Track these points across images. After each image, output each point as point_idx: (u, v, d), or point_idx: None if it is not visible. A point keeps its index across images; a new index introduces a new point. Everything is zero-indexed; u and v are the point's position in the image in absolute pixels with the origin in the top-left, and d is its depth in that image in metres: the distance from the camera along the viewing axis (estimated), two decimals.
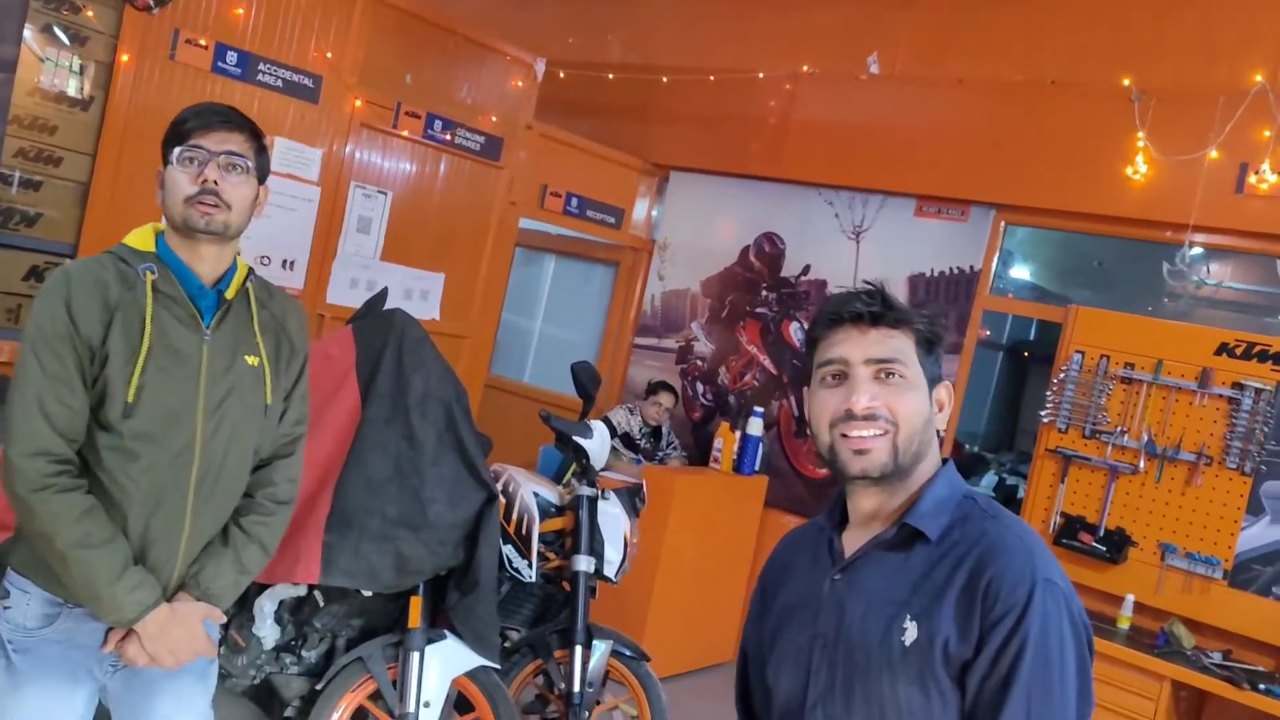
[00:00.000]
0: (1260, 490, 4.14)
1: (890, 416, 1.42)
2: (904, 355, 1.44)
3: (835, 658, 1.44)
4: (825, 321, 1.49)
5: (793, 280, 5.88)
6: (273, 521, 2.16)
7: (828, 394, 1.46)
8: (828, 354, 1.47)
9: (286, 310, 2.18)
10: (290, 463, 2.21)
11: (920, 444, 1.45)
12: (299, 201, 4.65)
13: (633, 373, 6.51)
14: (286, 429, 2.18)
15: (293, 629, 3.43)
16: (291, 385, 2.17)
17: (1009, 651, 1.31)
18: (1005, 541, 1.38)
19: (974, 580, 1.35)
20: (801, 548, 1.61)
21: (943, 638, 1.34)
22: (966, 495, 1.46)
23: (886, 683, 1.37)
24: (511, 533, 3.59)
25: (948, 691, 1.34)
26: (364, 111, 4.82)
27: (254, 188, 2.05)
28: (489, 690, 3.29)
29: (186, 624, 2.01)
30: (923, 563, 1.41)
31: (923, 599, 1.38)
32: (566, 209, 5.98)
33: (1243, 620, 4.14)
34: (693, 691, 5.21)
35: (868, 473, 1.43)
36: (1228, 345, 4.25)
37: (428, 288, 5.28)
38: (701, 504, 5.32)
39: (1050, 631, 1.32)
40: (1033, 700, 1.30)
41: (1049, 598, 1.33)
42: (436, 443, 3.22)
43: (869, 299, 1.46)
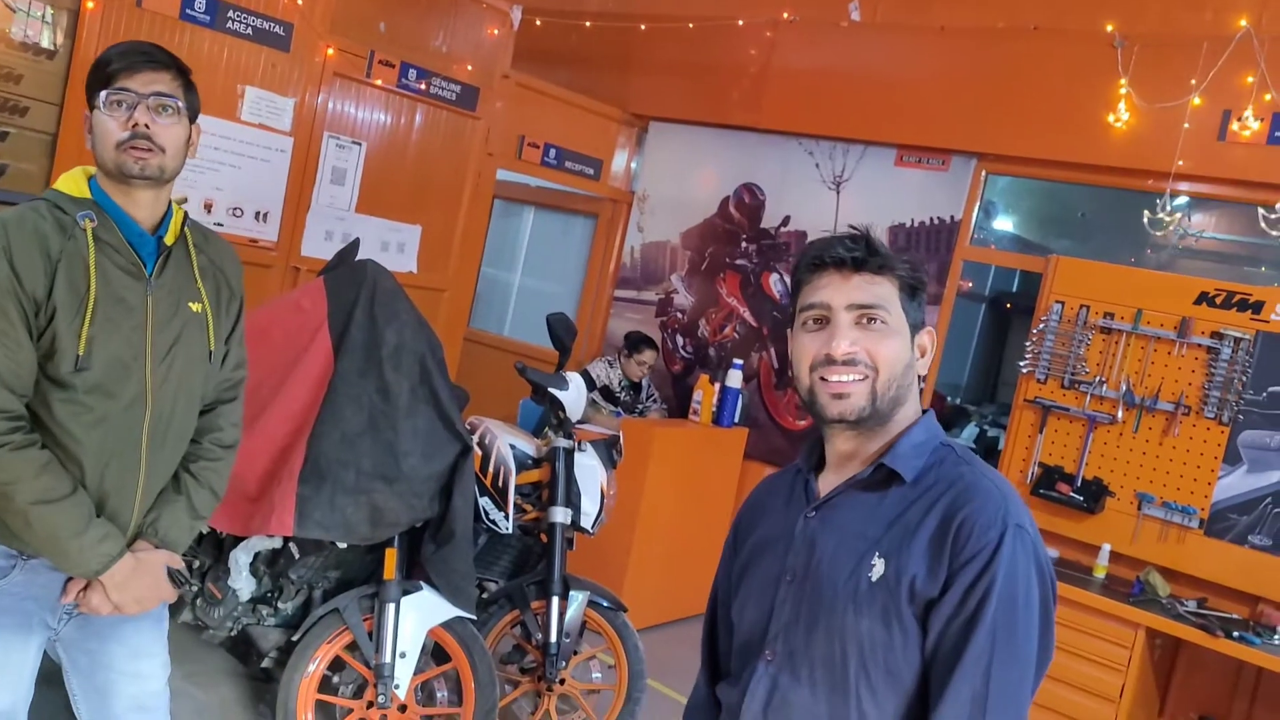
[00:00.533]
0: (1237, 440, 4.15)
1: (870, 361, 1.42)
2: (886, 301, 1.44)
3: (802, 592, 1.45)
4: (808, 265, 1.49)
5: (773, 232, 5.84)
6: (220, 466, 2.16)
7: (809, 338, 1.46)
8: (810, 298, 1.46)
9: (223, 254, 2.15)
10: (234, 407, 2.20)
11: (899, 389, 1.45)
12: (271, 152, 4.58)
13: (612, 325, 6.47)
14: (227, 374, 2.17)
15: (269, 581, 3.42)
16: (230, 329, 2.15)
17: (976, 592, 1.32)
18: (979, 485, 1.39)
19: (946, 521, 1.36)
20: (777, 490, 1.62)
21: (910, 575, 1.35)
22: (944, 443, 1.48)
23: (850, 617, 1.38)
24: (488, 485, 3.57)
25: (910, 628, 1.36)
26: (336, 60, 4.74)
27: (186, 128, 1.99)
28: (465, 641, 3.29)
29: (151, 572, 2.03)
30: (897, 503, 1.42)
31: (894, 537, 1.39)
32: (544, 160, 5.91)
33: (1218, 569, 4.17)
34: (671, 642, 5.24)
35: (845, 417, 1.43)
36: (1207, 294, 4.24)
37: (404, 240, 5.23)
38: (681, 456, 5.32)
39: (1018, 576, 1.33)
40: (996, 641, 1.31)
41: (1019, 543, 1.34)
42: (410, 395, 3.19)
43: (853, 244, 1.45)
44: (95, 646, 2.05)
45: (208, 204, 4.39)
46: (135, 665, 2.08)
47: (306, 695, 3.20)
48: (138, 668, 2.09)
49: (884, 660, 1.37)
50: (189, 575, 3.40)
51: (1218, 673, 4.22)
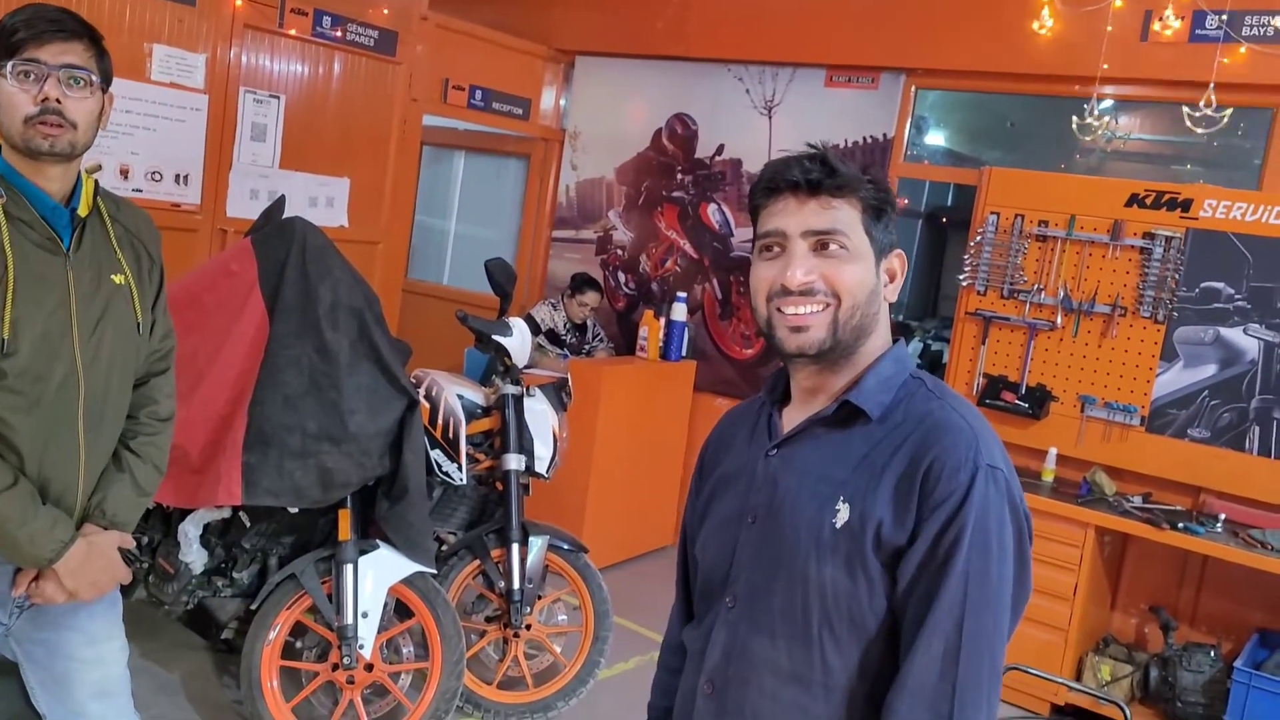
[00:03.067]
0: (1173, 336, 4.22)
1: (829, 290, 1.33)
2: (846, 225, 1.34)
3: (763, 534, 1.38)
4: (763, 190, 1.38)
5: (707, 161, 5.79)
6: (160, 440, 2.11)
7: (765, 266, 1.37)
8: (765, 225, 1.37)
9: (138, 221, 2.07)
10: (166, 378, 2.15)
11: (863, 318, 1.36)
12: (186, 111, 4.43)
13: (553, 266, 6.41)
14: (156, 344, 2.10)
15: (221, 551, 3.37)
16: (155, 298, 2.08)
17: (946, 539, 1.25)
18: (949, 422, 1.31)
19: (914, 463, 1.29)
20: (741, 423, 1.54)
21: (876, 521, 1.29)
22: (914, 375, 1.39)
23: (813, 565, 1.31)
24: (439, 437, 3.54)
25: (876, 577, 1.29)
26: (246, 11, 4.57)
27: (99, 100, 1.90)
28: (427, 595, 3.28)
29: (104, 554, 1.98)
30: (863, 443, 1.34)
31: (859, 480, 1.32)
32: (471, 103, 5.78)
33: (1160, 463, 4.26)
34: (634, 577, 5.28)
35: (805, 350, 1.35)
36: (1138, 196, 4.28)
37: (333, 194, 5.11)
38: (631, 393, 5.31)
39: (990, 519, 1.27)
40: (969, 589, 1.25)
41: (991, 484, 1.27)
42: (351, 353, 3.13)
43: (809, 164, 1.34)
44: (51, 636, 2.00)
45: (124, 169, 4.24)
46: (94, 651, 2.04)
47: (270, 663, 3.17)
48: (97, 653, 2.04)
49: (848, 610, 1.30)
50: (139, 553, 3.35)
51: (1165, 564, 4.34)
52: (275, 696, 3.16)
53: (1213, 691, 3.93)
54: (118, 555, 2.00)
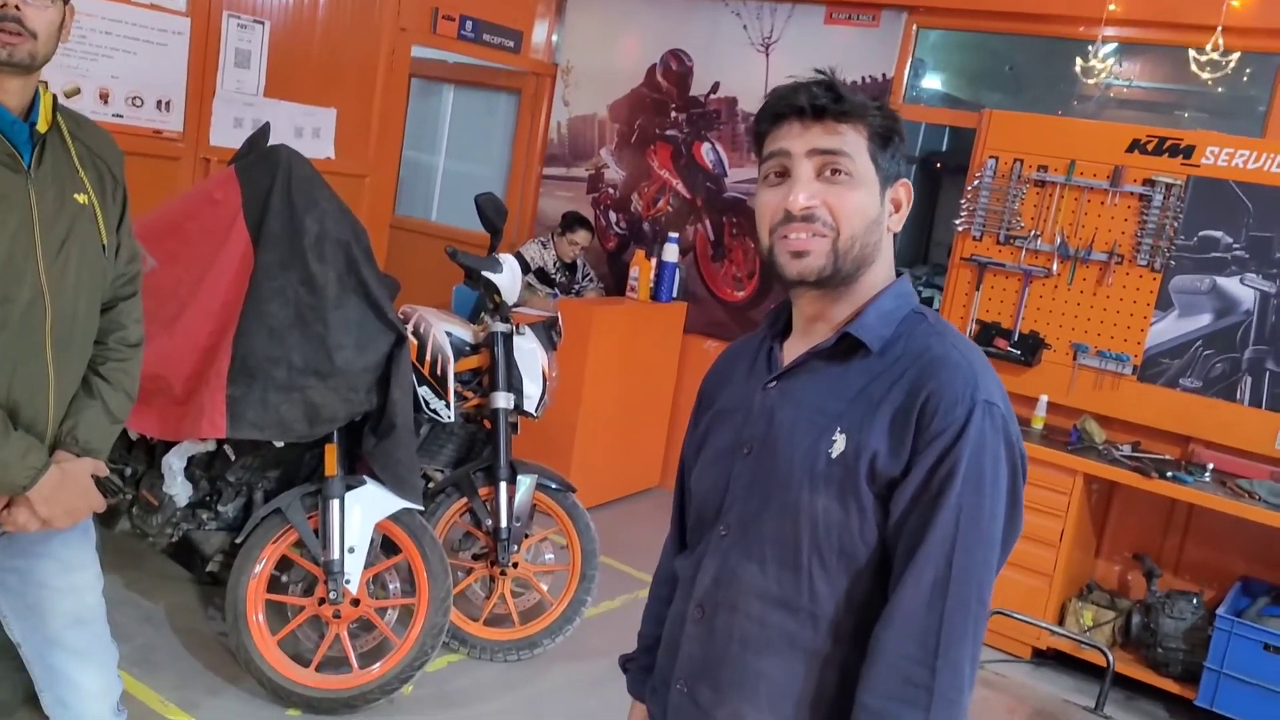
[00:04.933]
0: (1169, 285, 4.19)
1: (830, 219, 1.31)
2: (852, 149, 1.32)
3: (758, 465, 1.38)
4: (768, 116, 1.36)
5: (702, 99, 5.69)
6: (129, 366, 2.06)
7: (769, 193, 1.35)
8: (770, 147, 1.35)
9: (100, 141, 1.99)
10: (134, 303, 2.09)
11: (864, 247, 1.34)
12: (167, 35, 4.30)
13: (543, 204, 6.32)
14: (122, 267, 2.04)
15: (206, 485, 3.34)
16: (119, 220, 2.01)
17: (940, 472, 1.25)
18: (948, 358, 1.30)
19: (911, 396, 1.28)
20: (741, 357, 1.53)
21: (870, 452, 1.28)
22: (916, 310, 1.38)
23: (806, 494, 1.31)
24: (426, 374, 3.50)
25: (868, 507, 1.29)
26: None
27: (59, 10, 1.82)
28: (414, 531, 3.25)
29: (77, 481, 1.94)
30: (861, 376, 1.33)
31: (856, 412, 1.31)
32: (461, 33, 5.65)
33: (1151, 412, 4.26)
34: (621, 518, 5.27)
35: (804, 277, 1.33)
36: (1139, 141, 4.22)
37: (319, 124, 5.00)
38: (620, 334, 5.27)
39: (985, 454, 1.26)
40: (961, 521, 1.25)
41: (988, 419, 1.26)
42: (338, 286, 3.07)
43: (816, 90, 1.32)
44: (23, 565, 1.96)
45: (104, 93, 4.13)
46: (68, 579, 2.00)
47: (255, 596, 3.15)
48: (71, 582, 2.01)
49: (838, 539, 1.30)
50: (121, 483, 3.31)
51: (1151, 512, 4.35)
52: (261, 630, 3.15)
53: (1194, 638, 3.96)
54: (91, 482, 1.96)
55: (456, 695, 3.41)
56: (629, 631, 1.72)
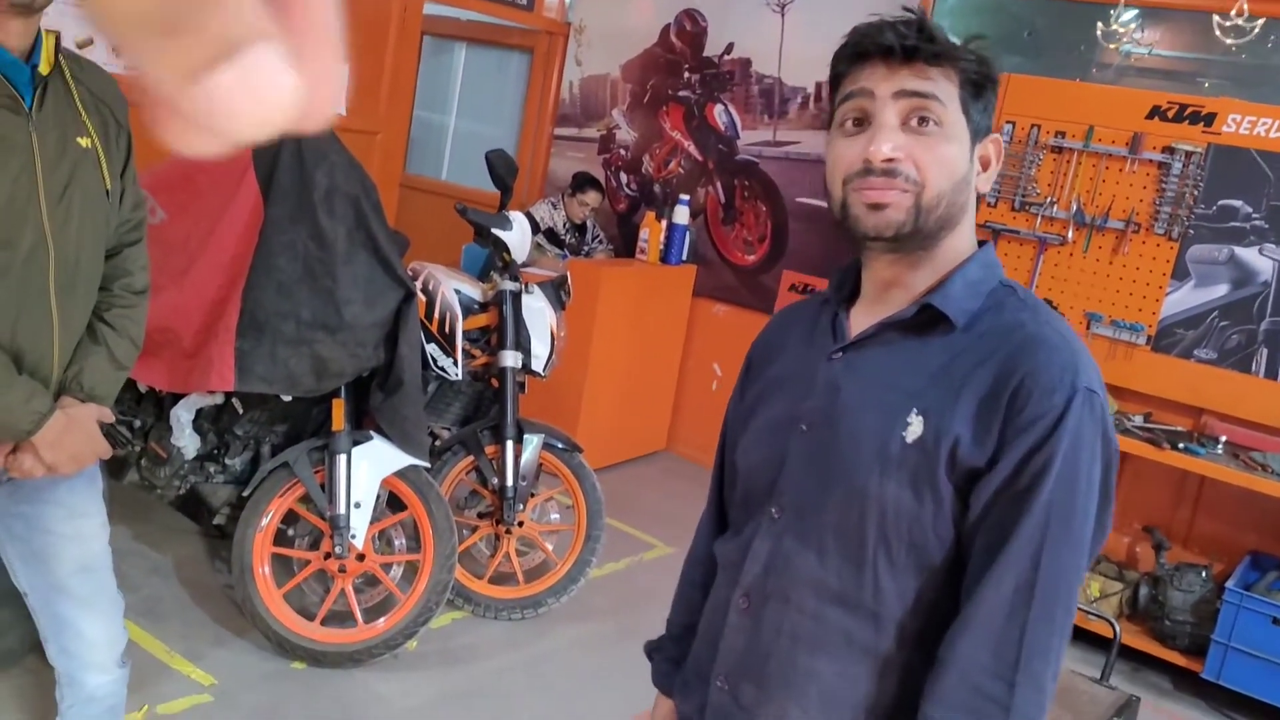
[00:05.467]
0: (1186, 255, 4.14)
1: (915, 174, 1.17)
2: (944, 96, 1.18)
3: (818, 443, 1.25)
4: (849, 55, 1.21)
5: (716, 60, 5.62)
6: (135, 314, 2.04)
7: (845, 143, 1.21)
8: (849, 87, 1.21)
9: (104, 85, 1.95)
10: (139, 250, 2.06)
11: (949, 206, 1.20)
12: None
13: (554, 165, 6.28)
14: (126, 214, 2.01)
15: (214, 438, 3.33)
16: (123, 165, 1.98)
17: (1032, 466, 1.12)
18: (1043, 337, 1.16)
19: (1002, 378, 1.15)
20: (797, 322, 1.40)
21: (952, 438, 1.15)
22: (1005, 283, 1.24)
23: (874, 480, 1.18)
24: (435, 331, 3.48)
25: (945, 499, 1.16)
26: None
27: None
28: (420, 488, 3.25)
29: (83, 427, 1.92)
30: (943, 352, 1.20)
31: (936, 393, 1.18)
32: None
33: (1164, 383, 4.22)
34: (627, 480, 5.27)
35: (882, 232, 1.18)
36: (1159, 108, 4.16)
37: None
38: (629, 296, 5.24)
39: (1082, 449, 1.13)
40: (1051, 522, 1.12)
41: (1087, 409, 1.13)
42: (347, 241, 3.05)
43: (904, 29, 1.17)
44: (29, 510, 1.96)
45: None
46: (74, 526, 2.00)
47: (262, 549, 3.16)
48: (77, 528, 2.00)
49: (909, 532, 1.17)
50: (130, 435, 3.31)
51: (1162, 484, 4.32)
52: (267, 582, 3.15)
53: (1201, 611, 3.95)
54: (97, 429, 1.94)
55: (460, 652, 3.42)
56: (633, 593, 1.69)
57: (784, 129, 5.40)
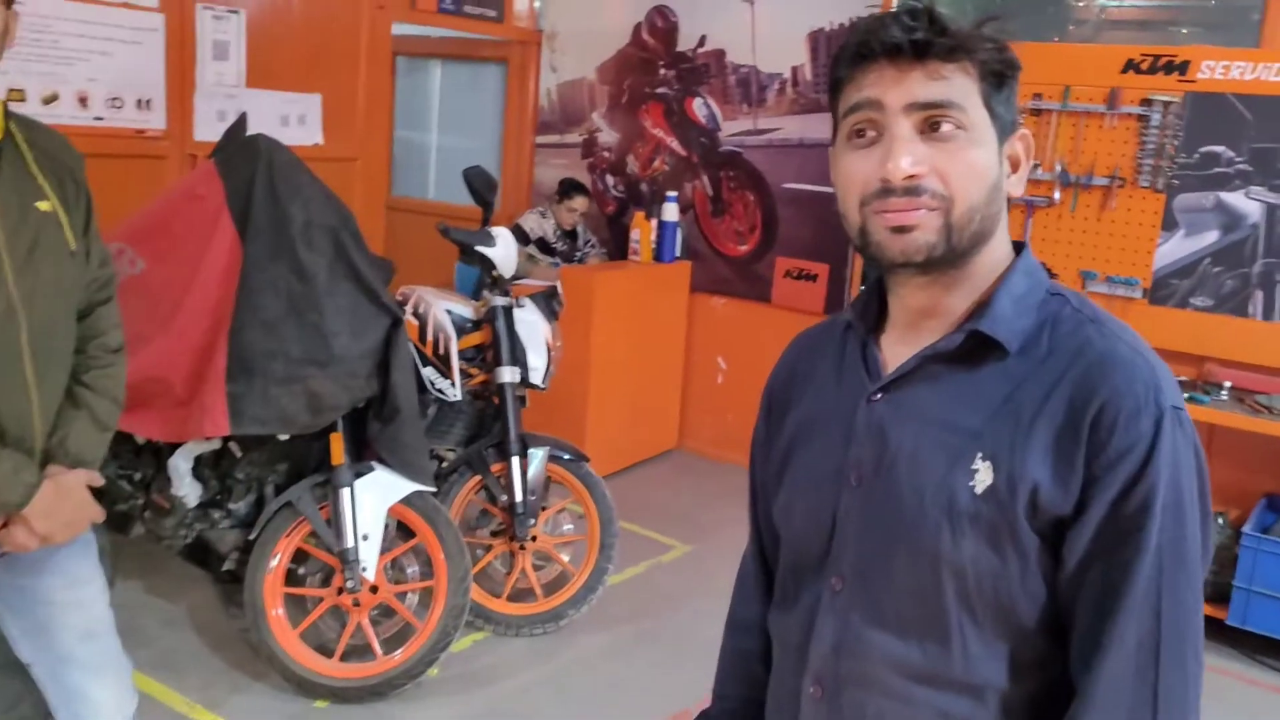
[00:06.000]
0: (1173, 204, 4.11)
1: (942, 188, 1.02)
2: (962, 98, 1.03)
3: (874, 499, 1.10)
4: (851, 57, 1.06)
5: (690, 54, 5.60)
6: (113, 371, 2.02)
7: (855, 158, 1.06)
8: (854, 97, 1.06)
9: (57, 145, 1.94)
10: (110, 307, 2.04)
11: (984, 220, 1.05)
12: (141, 33, 4.25)
13: (539, 173, 6.27)
14: (94, 272, 1.99)
15: (215, 483, 3.33)
16: (85, 224, 1.96)
17: (1131, 502, 0.98)
18: (1116, 355, 1.02)
19: (1077, 409, 1.00)
20: (822, 353, 1.24)
21: (1029, 484, 1.01)
22: (1053, 291, 1.10)
23: (946, 539, 1.04)
24: (429, 354, 3.48)
25: (1031, 553, 1.02)
26: None
27: (1, 16, 1.76)
28: (428, 514, 3.24)
29: (74, 494, 1.91)
30: (1001, 381, 1.05)
31: (1001, 431, 1.03)
32: (441, 7, 5.57)
33: (1164, 334, 4.18)
34: (639, 483, 5.26)
35: (911, 257, 1.04)
36: (1134, 61, 4.13)
37: (304, 111, 4.95)
38: (625, 297, 5.23)
39: (1182, 474, 1.00)
40: (1165, 565, 0.99)
41: (1179, 430, 0.99)
42: (329, 273, 3.04)
43: (911, 22, 1.02)
44: (27, 583, 1.95)
45: (82, 97, 4.09)
46: (74, 594, 1.98)
47: (273, 591, 3.15)
48: (78, 596, 1.99)
49: (994, 594, 1.04)
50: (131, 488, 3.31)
51: None
52: (282, 624, 3.15)
53: (1221, 558, 3.92)
54: (88, 494, 1.93)
55: (484, 673, 3.41)
56: (653, 597, 1.65)
57: (764, 116, 5.37)
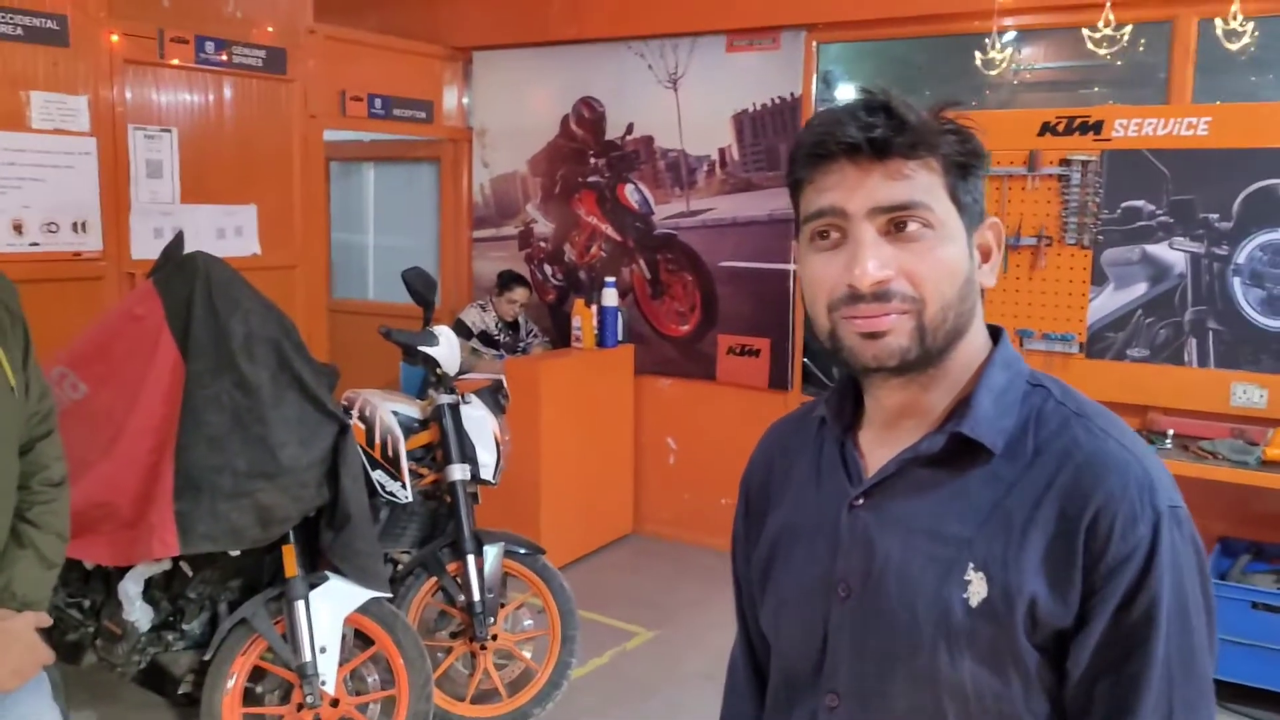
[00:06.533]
0: (1101, 259, 4.23)
1: (912, 290, 0.99)
2: (927, 195, 1.00)
3: (866, 615, 1.06)
4: (808, 157, 1.03)
5: (619, 142, 5.71)
6: (57, 506, 1.98)
7: (820, 261, 1.03)
8: (816, 203, 1.02)
9: None
10: (52, 440, 2.00)
11: (958, 316, 1.02)
12: (74, 157, 4.25)
13: (478, 267, 6.30)
14: (34, 406, 1.95)
15: (167, 605, 3.25)
16: (23, 356, 1.93)
17: (1134, 613, 0.95)
18: (1108, 456, 0.98)
19: (1070, 516, 0.97)
20: (798, 448, 1.20)
21: (1027, 597, 0.97)
22: (1034, 382, 1.06)
23: (943, 658, 0.99)
24: (378, 457, 3.45)
25: (1032, 670, 0.98)
26: (124, 46, 4.40)
27: None
28: (385, 621, 3.19)
29: (20, 639, 1.85)
30: (988, 487, 1.01)
31: (993, 541, 0.99)
32: (372, 112, 5.64)
33: (1104, 386, 4.27)
34: (598, 570, 5.22)
35: (884, 363, 1.01)
36: (1049, 124, 4.28)
37: (240, 223, 4.95)
38: (571, 385, 5.24)
39: (1185, 578, 0.97)
40: (1174, 674, 0.96)
41: (1178, 532, 0.97)
42: (272, 384, 3.02)
43: (869, 118, 0.99)
44: None
45: (17, 225, 4.06)
46: None
47: (232, 712, 3.07)
48: None
49: (997, 714, 1.00)
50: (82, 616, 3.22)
51: None
52: None
53: None
54: (36, 637, 1.87)
55: None
56: (621, 685, 1.64)
57: (696, 198, 5.47)
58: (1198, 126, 4.00)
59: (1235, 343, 4.02)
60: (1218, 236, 4.02)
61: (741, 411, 5.34)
